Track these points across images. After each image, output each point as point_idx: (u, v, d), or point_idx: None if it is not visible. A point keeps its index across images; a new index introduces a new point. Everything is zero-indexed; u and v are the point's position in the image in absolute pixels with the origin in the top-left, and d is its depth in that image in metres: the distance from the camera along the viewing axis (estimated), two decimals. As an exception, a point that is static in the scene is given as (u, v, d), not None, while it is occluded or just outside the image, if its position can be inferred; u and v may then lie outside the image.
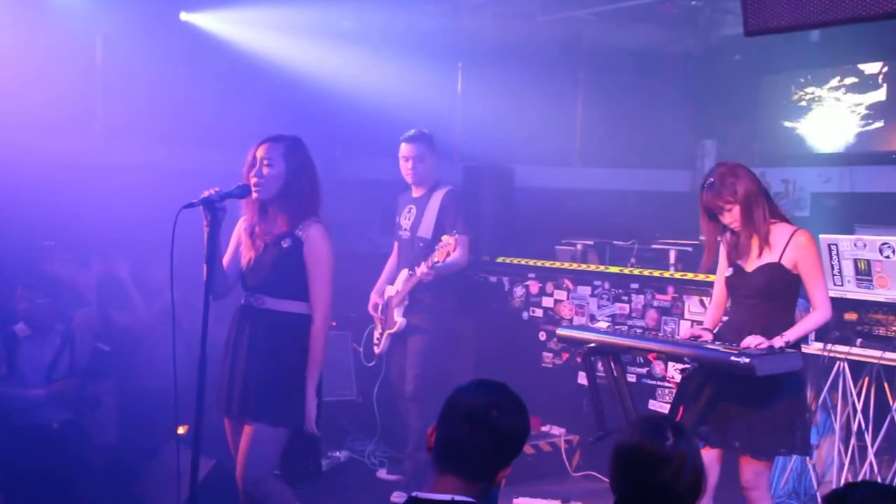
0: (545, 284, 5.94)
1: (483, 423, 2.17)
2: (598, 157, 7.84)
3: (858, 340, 4.48)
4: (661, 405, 5.14)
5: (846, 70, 7.00)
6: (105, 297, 5.28)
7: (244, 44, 6.81)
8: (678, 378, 3.82)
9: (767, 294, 3.59)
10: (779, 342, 3.46)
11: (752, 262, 3.64)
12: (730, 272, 3.72)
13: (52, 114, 5.71)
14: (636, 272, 5.52)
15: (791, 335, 3.50)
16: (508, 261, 6.21)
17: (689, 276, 5.22)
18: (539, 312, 5.97)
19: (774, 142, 7.47)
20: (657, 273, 5.42)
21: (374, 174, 6.76)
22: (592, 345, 3.88)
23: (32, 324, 4.72)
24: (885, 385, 4.54)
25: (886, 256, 4.43)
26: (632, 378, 5.20)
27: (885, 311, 4.42)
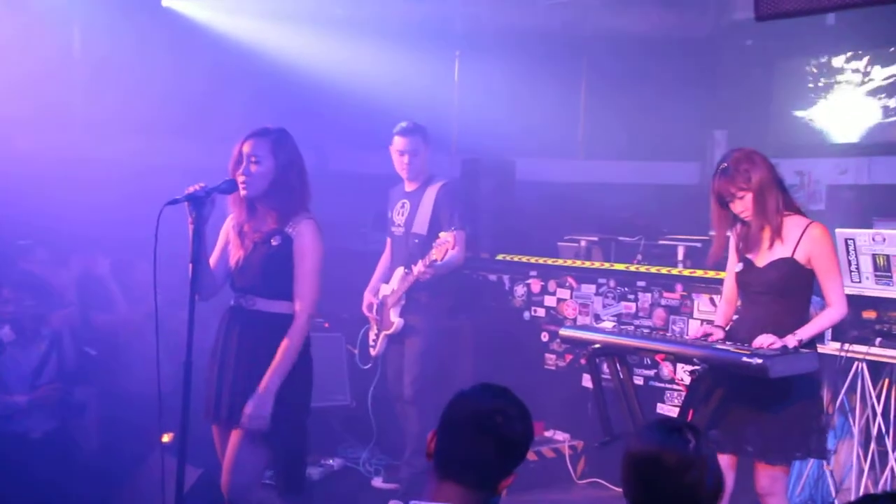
0: (547, 283, 5.94)
1: (487, 430, 2.18)
2: (603, 149, 7.84)
3: (877, 340, 4.48)
4: (670, 409, 5.14)
5: (864, 55, 7.00)
6: (85, 298, 5.27)
7: (230, 31, 6.80)
8: (687, 380, 3.82)
9: (780, 290, 3.59)
10: (792, 341, 3.45)
11: (764, 257, 3.63)
12: (739, 267, 3.72)
13: (28, 106, 5.69)
14: (643, 269, 5.52)
15: (804, 334, 3.49)
16: (509, 258, 6.21)
17: (699, 274, 5.22)
18: (541, 312, 5.97)
19: (788, 131, 7.47)
20: (665, 270, 5.42)
21: (367, 168, 6.74)
22: (597, 346, 3.88)
23: (18, 327, 4.69)
24: (906, 386, 4.55)
25: (906, 251, 4.43)
26: (639, 380, 5.20)
27: (906, 309, 4.43)
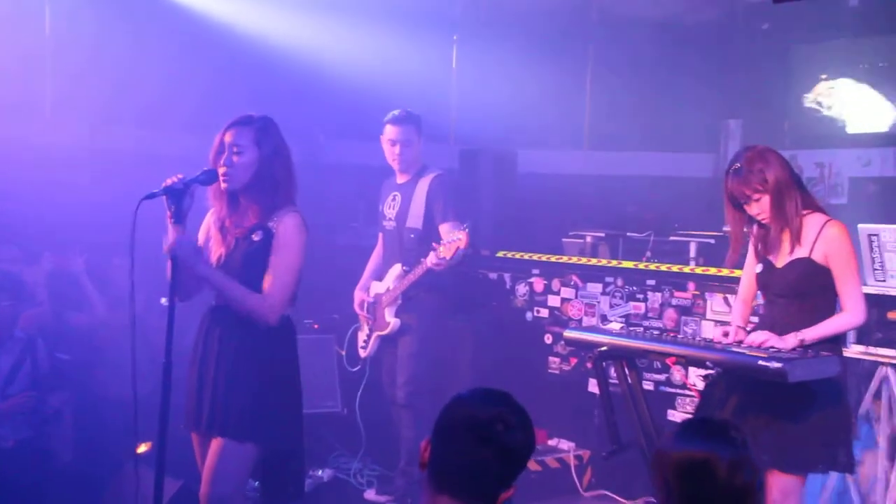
0: (551, 281, 5.93)
1: (486, 439, 2.16)
2: (610, 140, 7.82)
3: (904, 342, 4.46)
4: (682, 416, 5.12)
5: (888, 39, 6.97)
6: (58, 297, 5.25)
7: (212, 13, 6.75)
8: (701, 385, 3.80)
9: (800, 292, 3.58)
10: (792, 340, 3.44)
11: (783, 257, 3.62)
12: (759, 268, 3.71)
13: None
14: (652, 267, 5.50)
15: (809, 334, 3.47)
16: (510, 255, 6.19)
17: (712, 272, 5.20)
18: (544, 313, 5.96)
19: (807, 120, 7.45)
20: (676, 268, 5.41)
21: (360, 158, 6.74)
22: (604, 348, 3.86)
23: None
24: (934, 392, 4.52)
25: (934, 248, 4.40)
26: (648, 386, 5.18)
27: (933, 310, 4.40)
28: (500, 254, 6.23)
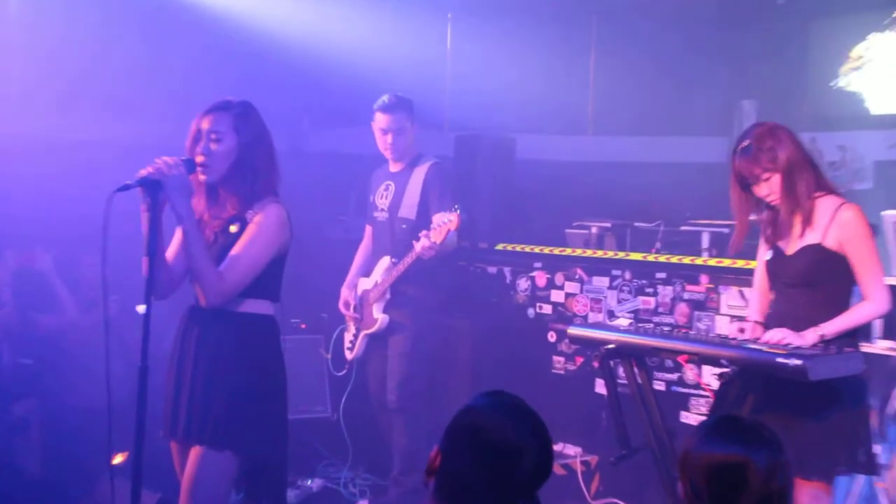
0: (554, 275, 5.93)
1: (510, 466, 2.18)
2: (616, 124, 7.81)
3: (933, 337, 4.46)
4: (696, 418, 5.13)
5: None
6: (24, 297, 5.23)
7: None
8: (715, 385, 3.80)
9: (812, 281, 3.57)
10: (811, 336, 3.44)
11: (794, 244, 3.62)
12: (769, 256, 3.71)
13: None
14: (662, 259, 5.50)
15: (829, 328, 3.47)
16: (510, 248, 6.19)
17: (726, 263, 5.20)
18: (547, 309, 5.96)
19: (827, 101, 7.44)
20: (687, 260, 5.41)
21: (349, 147, 6.74)
22: (611, 346, 3.87)
23: None
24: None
25: (964, 236, 4.40)
26: (659, 386, 5.20)
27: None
28: (500, 247, 6.23)
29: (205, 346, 3.52)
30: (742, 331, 3.72)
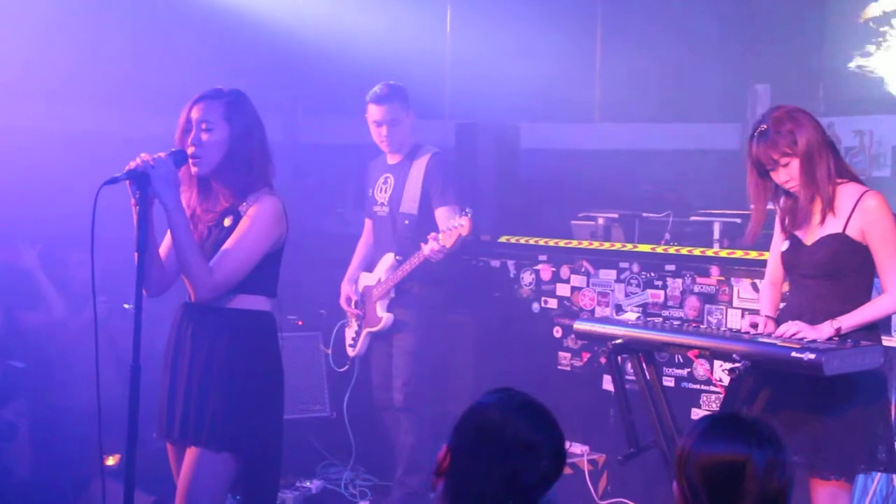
0: (559, 269, 5.93)
1: (521, 468, 2.20)
2: (623, 110, 7.80)
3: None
4: (706, 414, 5.13)
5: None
6: (8, 295, 5.23)
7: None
8: (727, 381, 3.81)
9: (831, 272, 3.57)
10: (828, 329, 3.45)
11: (813, 233, 3.62)
12: (786, 246, 3.71)
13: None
14: (672, 251, 5.51)
15: (847, 322, 3.48)
16: (514, 240, 6.19)
17: (738, 255, 5.21)
18: (553, 303, 5.96)
19: (844, 84, 7.42)
20: (698, 251, 5.41)
21: (345, 137, 6.72)
22: (619, 341, 3.88)
23: None
24: None
25: None
26: (669, 382, 5.20)
27: None
28: (503, 239, 6.23)
29: (200, 344, 3.53)
30: (755, 325, 3.72)
